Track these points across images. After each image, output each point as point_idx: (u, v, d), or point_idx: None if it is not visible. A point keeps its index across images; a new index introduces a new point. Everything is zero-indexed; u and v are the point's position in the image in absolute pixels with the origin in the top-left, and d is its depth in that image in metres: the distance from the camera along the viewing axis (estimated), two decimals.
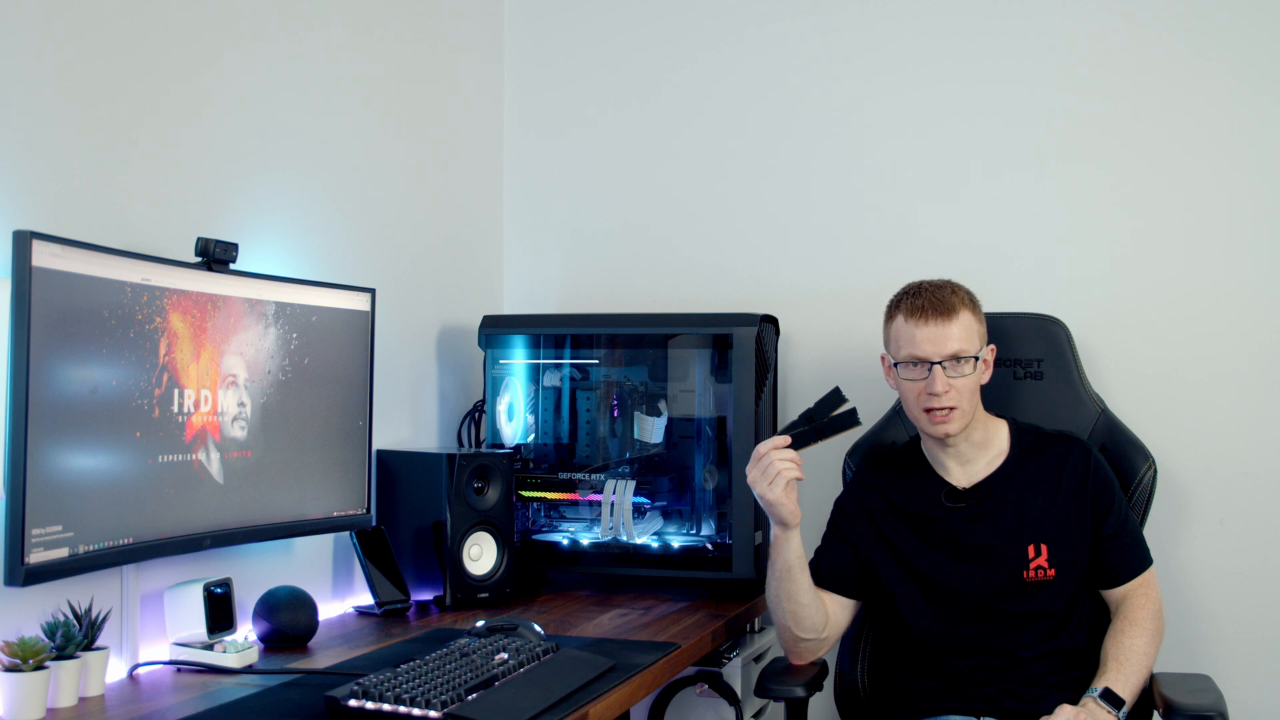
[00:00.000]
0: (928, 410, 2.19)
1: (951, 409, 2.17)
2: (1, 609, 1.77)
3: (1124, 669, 2.10)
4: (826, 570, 2.29)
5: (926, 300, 2.19)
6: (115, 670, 1.91)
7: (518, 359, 2.87)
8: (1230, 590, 2.67)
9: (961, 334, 2.18)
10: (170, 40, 2.13)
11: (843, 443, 2.33)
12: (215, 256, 2.04)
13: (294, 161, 2.44)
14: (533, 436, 2.87)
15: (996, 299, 2.51)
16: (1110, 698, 2.05)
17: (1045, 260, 2.80)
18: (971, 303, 2.23)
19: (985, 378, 2.25)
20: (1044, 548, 2.20)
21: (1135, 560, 2.22)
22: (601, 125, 3.17)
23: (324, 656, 2.08)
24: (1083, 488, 2.23)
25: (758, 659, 2.66)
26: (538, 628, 2.10)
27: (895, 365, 2.23)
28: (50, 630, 1.75)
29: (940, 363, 2.16)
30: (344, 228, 2.60)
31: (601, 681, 1.89)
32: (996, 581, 2.21)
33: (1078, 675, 2.17)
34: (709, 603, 2.58)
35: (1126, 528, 2.24)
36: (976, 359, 2.20)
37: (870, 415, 2.43)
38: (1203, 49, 2.72)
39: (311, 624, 2.19)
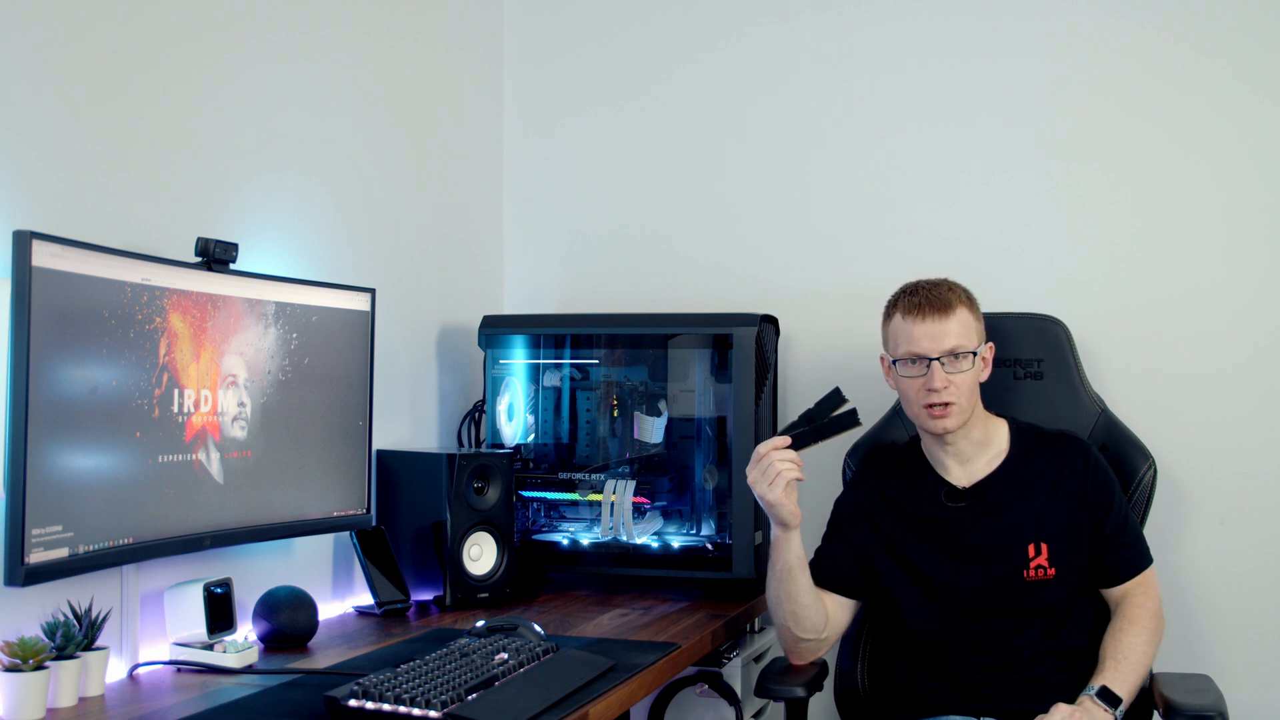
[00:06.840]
0: (927, 406, 2.19)
1: (950, 404, 2.18)
2: (1, 609, 1.76)
3: (1121, 667, 2.10)
4: (826, 570, 2.29)
5: (923, 298, 2.20)
6: (115, 670, 1.90)
7: (518, 359, 2.87)
8: (1230, 590, 2.67)
9: (959, 330, 2.19)
10: (170, 40, 2.13)
11: (843, 443, 2.33)
12: (215, 256, 2.04)
13: (294, 161, 2.44)
14: (533, 436, 2.87)
15: (996, 299, 2.52)
16: (1107, 696, 2.05)
17: (1045, 260, 2.80)
18: (969, 300, 2.24)
19: (984, 375, 2.26)
20: (1044, 547, 2.20)
21: (1135, 559, 2.23)
22: (601, 125, 3.17)
23: (324, 656, 2.08)
24: (1083, 487, 2.24)
25: (758, 659, 2.66)
26: (538, 628, 2.10)
27: (894, 363, 2.24)
28: (50, 630, 1.75)
29: (938, 358, 2.17)
30: (344, 228, 2.59)
31: (601, 681, 1.89)
32: (996, 581, 2.21)
33: (1078, 675, 2.16)
34: (709, 603, 2.58)
35: (1127, 527, 2.24)
36: (974, 355, 2.21)
37: (870, 415, 2.43)
38: (1203, 48, 2.72)
39: (311, 624, 2.19)
